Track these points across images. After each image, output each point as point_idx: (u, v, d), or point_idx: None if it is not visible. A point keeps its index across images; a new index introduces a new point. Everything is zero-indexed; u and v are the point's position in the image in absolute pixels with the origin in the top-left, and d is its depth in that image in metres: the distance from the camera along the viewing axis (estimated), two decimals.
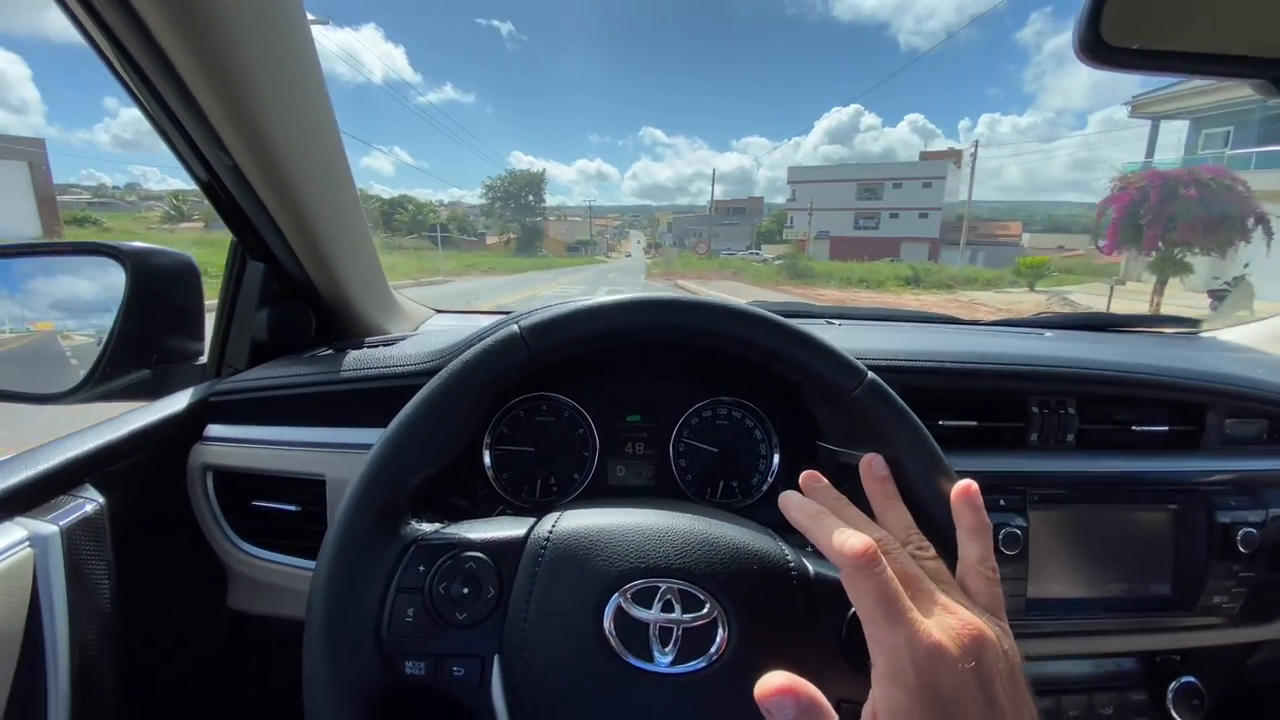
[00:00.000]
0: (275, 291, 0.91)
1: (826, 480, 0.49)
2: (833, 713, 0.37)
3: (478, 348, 0.49)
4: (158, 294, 0.82)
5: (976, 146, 36.91)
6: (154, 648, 0.73)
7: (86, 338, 0.86)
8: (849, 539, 0.40)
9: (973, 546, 0.44)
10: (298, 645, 0.44)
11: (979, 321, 1.39)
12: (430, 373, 0.54)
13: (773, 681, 0.37)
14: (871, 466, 0.50)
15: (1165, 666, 0.84)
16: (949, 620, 0.38)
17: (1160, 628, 0.80)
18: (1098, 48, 0.49)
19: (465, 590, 0.45)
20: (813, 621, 0.45)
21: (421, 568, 0.46)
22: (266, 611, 0.82)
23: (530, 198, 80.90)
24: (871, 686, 0.38)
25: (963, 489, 0.46)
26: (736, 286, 24.42)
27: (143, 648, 0.67)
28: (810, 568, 0.48)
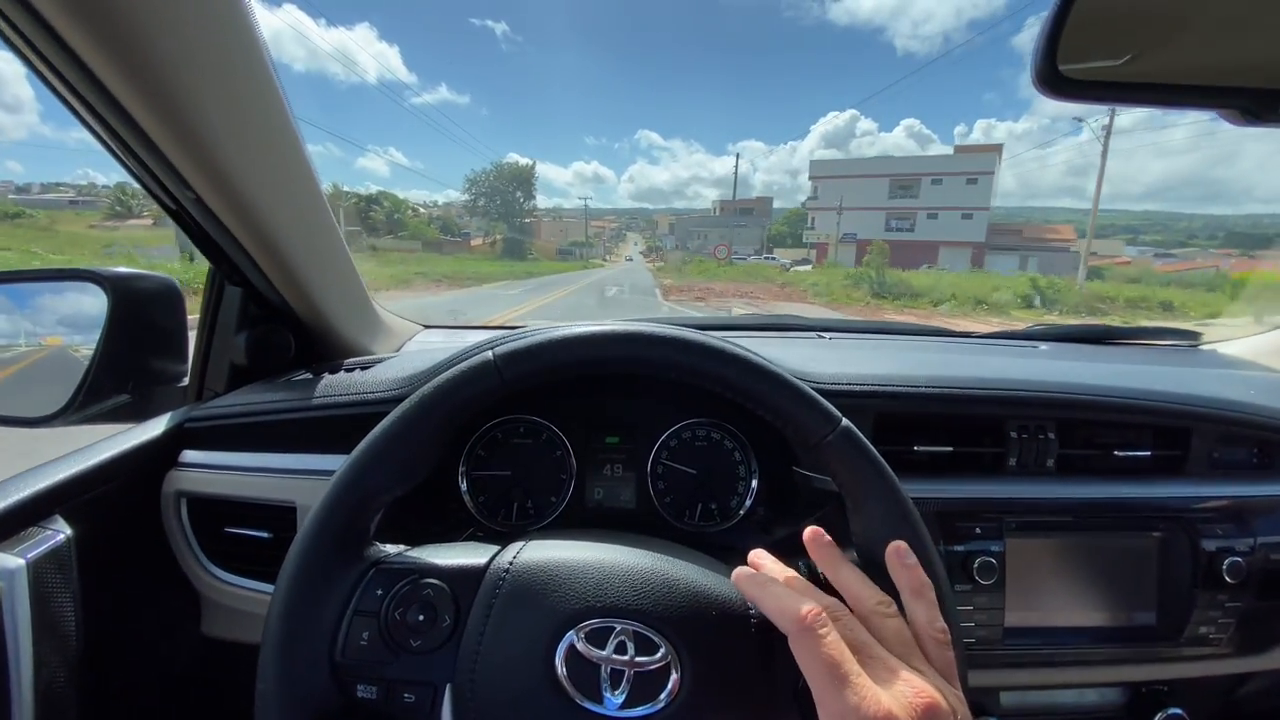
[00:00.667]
0: (254, 314, 0.92)
1: (773, 558, 0.50)
2: None
3: (451, 372, 0.50)
4: (139, 318, 0.83)
5: (1112, 118, 26.03)
6: (126, 676, 0.73)
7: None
8: (794, 603, 0.40)
9: (918, 609, 0.44)
10: None
11: (973, 334, 1.37)
12: (398, 400, 0.54)
13: None
14: (814, 537, 0.50)
15: (1151, 697, 0.82)
16: (901, 689, 0.37)
17: (1145, 658, 0.78)
18: (1055, 80, 0.49)
19: (421, 617, 0.46)
20: (768, 672, 0.45)
21: (379, 591, 0.46)
22: (239, 638, 0.82)
23: (519, 194, 73.14)
24: None
25: (892, 549, 0.46)
26: (806, 310, 17.37)
27: (113, 676, 0.68)
28: None
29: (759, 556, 0.50)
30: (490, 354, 0.50)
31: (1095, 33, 0.48)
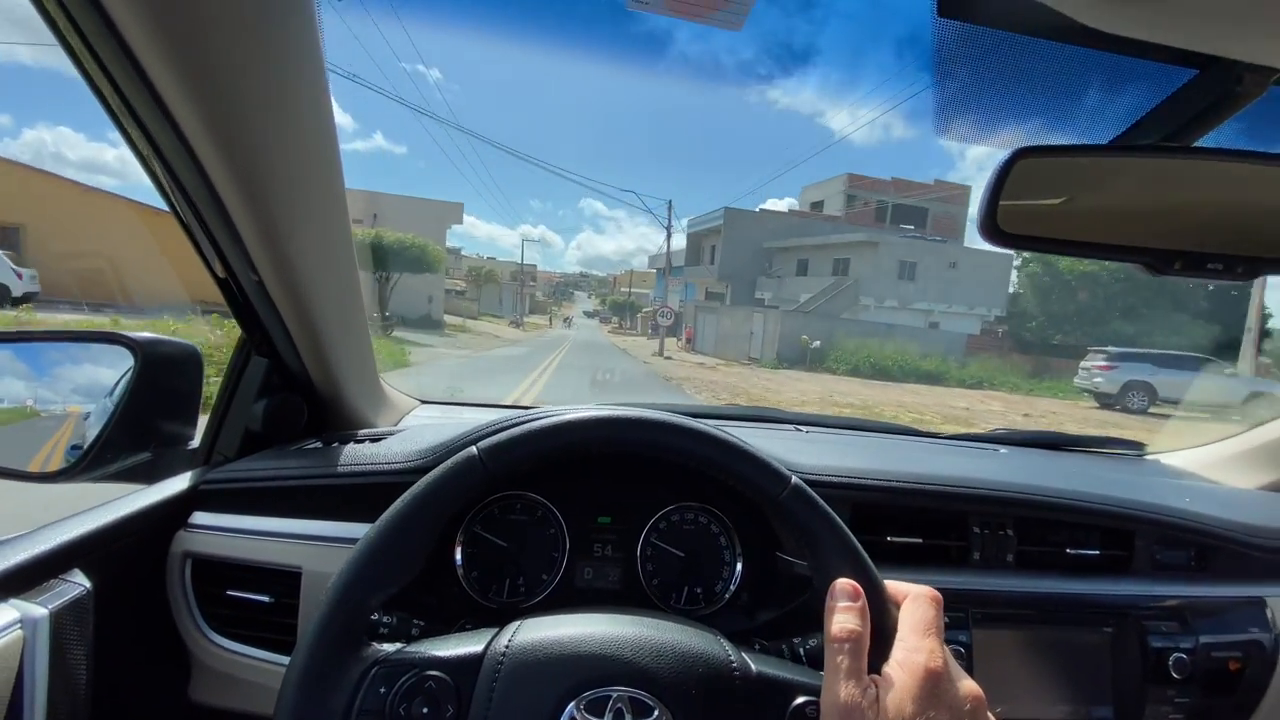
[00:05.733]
0: (274, 385, 0.97)
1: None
2: None
3: (437, 471, 0.54)
4: (162, 382, 0.88)
5: None
6: None
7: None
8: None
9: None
10: None
11: (939, 435, 1.47)
12: (423, 470, 0.58)
13: None
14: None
15: None
16: None
17: None
18: (995, 232, 0.60)
19: (426, 710, 0.48)
20: (756, 717, 0.49)
21: (383, 689, 0.48)
22: (227, 705, 0.81)
23: None
24: None
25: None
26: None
27: None
28: (752, 666, 0.52)
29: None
30: (475, 449, 0.55)
31: (1026, 196, 0.60)
